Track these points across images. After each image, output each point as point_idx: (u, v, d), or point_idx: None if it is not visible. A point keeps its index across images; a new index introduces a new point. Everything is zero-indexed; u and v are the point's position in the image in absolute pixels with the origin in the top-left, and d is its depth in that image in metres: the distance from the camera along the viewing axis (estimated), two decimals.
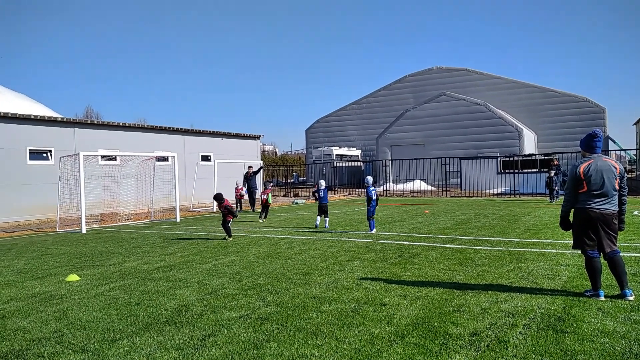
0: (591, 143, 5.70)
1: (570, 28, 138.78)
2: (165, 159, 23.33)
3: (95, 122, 23.74)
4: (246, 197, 21.85)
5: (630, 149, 47.95)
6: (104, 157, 21.60)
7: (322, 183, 14.30)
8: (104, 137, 22.62)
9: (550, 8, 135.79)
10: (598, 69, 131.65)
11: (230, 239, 11.90)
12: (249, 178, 21.32)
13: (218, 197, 12.24)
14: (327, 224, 13.94)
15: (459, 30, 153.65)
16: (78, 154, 16.07)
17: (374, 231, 12.44)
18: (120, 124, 23.52)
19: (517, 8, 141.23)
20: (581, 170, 5.56)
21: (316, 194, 14.18)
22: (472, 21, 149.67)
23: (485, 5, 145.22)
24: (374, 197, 12.46)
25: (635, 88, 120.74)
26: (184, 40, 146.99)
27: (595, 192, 5.52)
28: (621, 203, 5.66)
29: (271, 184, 18.55)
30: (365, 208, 12.86)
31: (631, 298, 5.51)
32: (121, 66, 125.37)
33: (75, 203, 16.99)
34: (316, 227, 13.87)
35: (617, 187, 5.56)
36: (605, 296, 5.64)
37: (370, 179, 12.85)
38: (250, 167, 21.81)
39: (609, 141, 37.36)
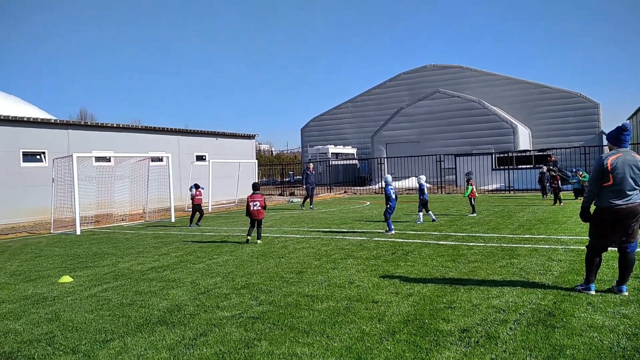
0: (620, 136, 5.54)
1: (565, 24, 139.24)
2: (160, 159, 23.28)
3: (89, 124, 23.69)
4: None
5: None
6: (97, 159, 21.55)
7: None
8: (97, 138, 22.57)
9: (545, 5, 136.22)
10: (592, 65, 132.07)
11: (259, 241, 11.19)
12: (310, 174, 21.05)
13: (256, 186, 11.55)
14: (433, 217, 14.12)
15: (453, 27, 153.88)
16: (71, 155, 16.02)
17: (392, 232, 11.68)
18: (115, 125, 23.47)
19: (512, 5, 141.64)
20: (609, 162, 5.38)
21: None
22: (466, 18, 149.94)
23: (480, 2, 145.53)
24: (394, 196, 11.91)
25: (629, 83, 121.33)
26: (179, 41, 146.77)
27: (619, 187, 5.36)
28: None
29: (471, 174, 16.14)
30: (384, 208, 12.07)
31: (626, 294, 5.53)
32: (116, 67, 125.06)
33: (69, 205, 16.95)
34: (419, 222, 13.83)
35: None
36: (596, 291, 5.67)
37: (389, 177, 12.25)
38: (309, 162, 22.35)
39: (603, 136, 37.45)
